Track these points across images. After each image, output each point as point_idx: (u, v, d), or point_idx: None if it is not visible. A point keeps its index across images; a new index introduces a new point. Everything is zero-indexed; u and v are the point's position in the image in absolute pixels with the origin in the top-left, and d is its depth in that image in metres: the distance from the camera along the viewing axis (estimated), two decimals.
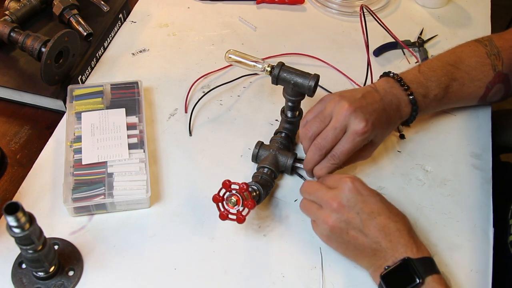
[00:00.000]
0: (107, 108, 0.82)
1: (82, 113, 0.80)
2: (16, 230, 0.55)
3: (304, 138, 0.74)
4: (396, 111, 0.75)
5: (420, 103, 0.77)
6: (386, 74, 0.79)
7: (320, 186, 0.68)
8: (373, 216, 0.64)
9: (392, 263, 0.63)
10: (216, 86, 0.89)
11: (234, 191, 0.66)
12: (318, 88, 0.76)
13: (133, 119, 0.81)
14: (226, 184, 0.67)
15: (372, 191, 0.67)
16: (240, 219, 0.67)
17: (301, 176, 0.79)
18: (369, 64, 0.84)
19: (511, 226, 0.78)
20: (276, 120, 0.86)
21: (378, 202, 0.65)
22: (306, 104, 0.79)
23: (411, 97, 0.76)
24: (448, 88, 0.79)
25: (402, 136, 0.84)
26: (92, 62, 0.93)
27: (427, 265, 0.62)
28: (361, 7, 0.83)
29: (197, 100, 0.88)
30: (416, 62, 0.96)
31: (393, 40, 0.96)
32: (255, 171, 0.76)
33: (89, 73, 0.92)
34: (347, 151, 0.70)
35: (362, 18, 0.82)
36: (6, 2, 0.93)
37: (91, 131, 0.78)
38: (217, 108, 0.88)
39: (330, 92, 0.90)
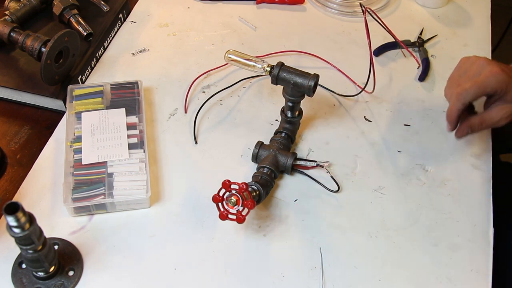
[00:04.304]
0: (107, 108, 0.82)
1: (82, 113, 0.80)
2: (16, 230, 0.55)
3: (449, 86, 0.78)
4: None
5: None
6: None
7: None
8: None
9: None
10: (216, 92, 0.89)
11: (234, 191, 0.66)
12: (319, 87, 0.76)
13: (133, 119, 0.81)
14: (226, 184, 0.66)
15: None
16: (240, 219, 0.67)
17: (302, 173, 0.79)
18: (371, 64, 0.84)
19: None
20: (276, 120, 0.86)
21: None
22: (306, 104, 0.79)
23: None
24: None
25: None
26: (92, 62, 0.93)
27: None
28: (365, 8, 0.82)
29: (200, 106, 0.87)
30: (418, 67, 0.96)
31: (393, 40, 0.96)
32: (255, 171, 0.76)
33: (89, 73, 0.92)
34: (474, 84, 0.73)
35: (365, 18, 0.82)
36: (6, 2, 0.93)
37: (91, 131, 0.78)
38: (217, 108, 0.88)
39: (332, 92, 0.90)
